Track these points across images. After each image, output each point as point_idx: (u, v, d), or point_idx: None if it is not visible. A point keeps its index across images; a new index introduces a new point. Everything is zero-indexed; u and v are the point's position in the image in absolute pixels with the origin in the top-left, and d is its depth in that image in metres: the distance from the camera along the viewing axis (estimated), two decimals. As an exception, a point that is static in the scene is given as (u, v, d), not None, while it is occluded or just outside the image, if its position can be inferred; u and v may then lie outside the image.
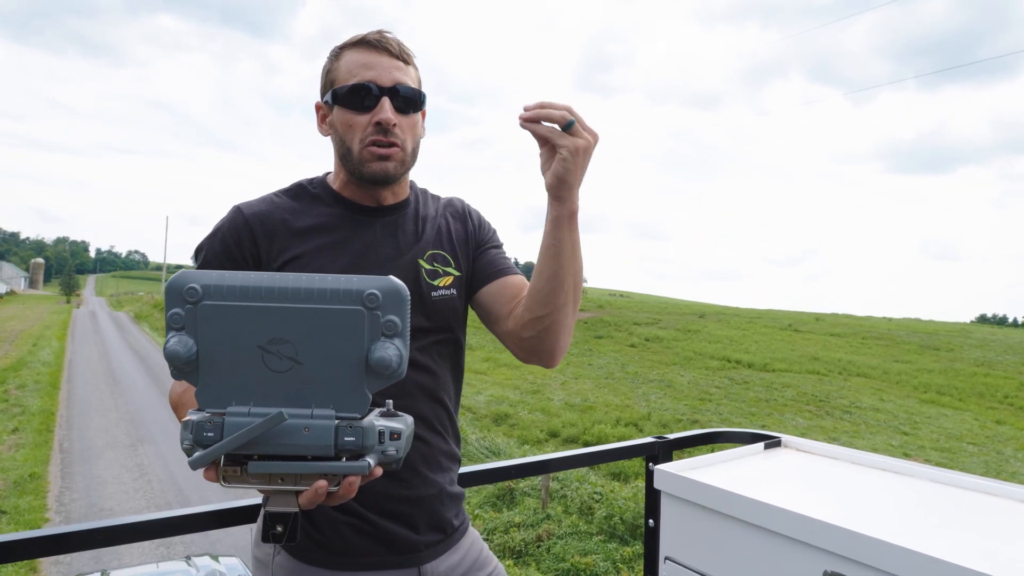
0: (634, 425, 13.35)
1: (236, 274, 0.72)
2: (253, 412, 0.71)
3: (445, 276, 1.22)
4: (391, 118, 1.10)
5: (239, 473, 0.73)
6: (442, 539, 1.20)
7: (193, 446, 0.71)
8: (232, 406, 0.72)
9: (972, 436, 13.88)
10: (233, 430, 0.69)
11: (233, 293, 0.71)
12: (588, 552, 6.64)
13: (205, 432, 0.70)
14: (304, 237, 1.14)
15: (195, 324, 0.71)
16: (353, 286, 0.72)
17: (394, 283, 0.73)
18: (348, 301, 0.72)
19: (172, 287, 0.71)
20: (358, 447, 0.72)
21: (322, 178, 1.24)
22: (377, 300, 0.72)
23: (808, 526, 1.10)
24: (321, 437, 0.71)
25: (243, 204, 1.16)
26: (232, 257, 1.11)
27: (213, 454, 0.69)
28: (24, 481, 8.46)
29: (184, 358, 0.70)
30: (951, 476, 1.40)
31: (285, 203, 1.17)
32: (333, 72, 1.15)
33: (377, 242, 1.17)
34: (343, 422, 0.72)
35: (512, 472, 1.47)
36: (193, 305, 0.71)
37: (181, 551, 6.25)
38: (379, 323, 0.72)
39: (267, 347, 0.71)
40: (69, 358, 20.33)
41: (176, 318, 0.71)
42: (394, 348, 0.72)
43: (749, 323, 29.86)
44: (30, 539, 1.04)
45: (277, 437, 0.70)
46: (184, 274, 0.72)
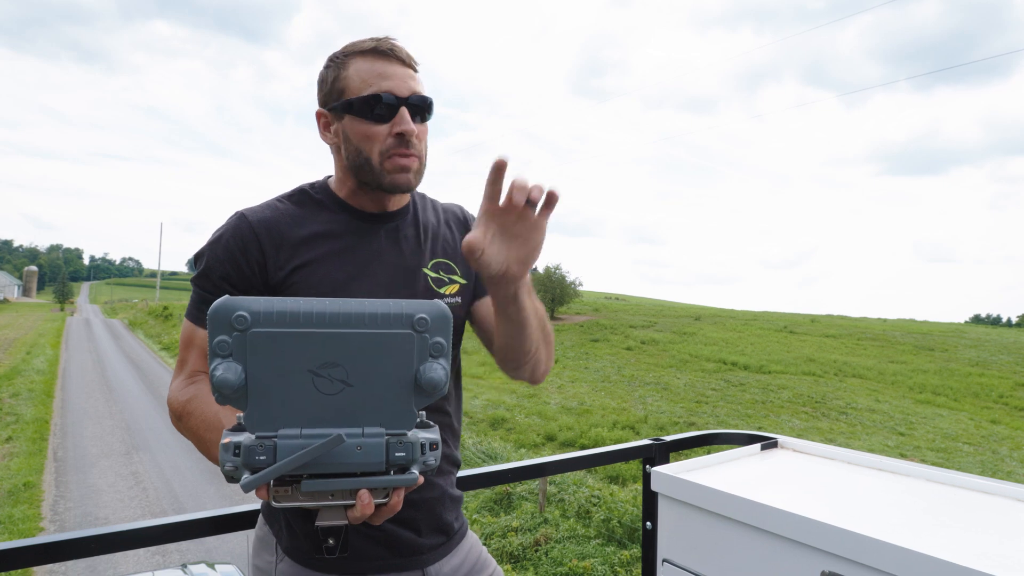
0: (631, 428, 13.34)
1: (285, 300, 0.73)
2: (304, 434, 0.72)
3: (451, 284, 1.23)
4: (413, 129, 1.11)
5: (290, 492, 0.75)
6: (444, 541, 1.22)
7: (239, 468, 0.71)
8: (283, 429, 0.72)
9: (967, 436, 13.92)
10: (286, 453, 0.70)
11: (283, 319, 0.72)
12: (586, 556, 6.63)
13: (257, 456, 0.71)
14: (311, 244, 1.13)
15: (244, 351, 0.71)
16: (403, 311, 0.75)
17: (442, 307, 0.77)
18: (399, 325, 0.74)
19: (218, 314, 0.71)
20: (407, 461, 0.75)
21: (324, 183, 1.22)
22: (427, 324, 0.75)
23: (805, 527, 1.10)
24: (373, 454, 0.74)
25: (247, 210, 1.14)
26: (236, 264, 1.09)
27: (267, 476, 0.70)
28: (18, 490, 8.41)
29: (234, 386, 0.70)
30: (947, 475, 1.40)
31: (289, 209, 1.16)
32: (343, 81, 1.12)
33: (382, 249, 1.17)
34: (393, 438, 0.75)
35: (509, 476, 1.47)
36: (242, 332, 0.71)
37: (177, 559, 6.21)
38: (427, 344, 0.76)
39: (318, 371, 0.72)
40: (63, 366, 20.22)
41: (223, 345, 0.71)
42: (441, 368, 0.76)
43: (745, 325, 29.91)
44: (24, 548, 1.03)
45: (330, 456, 0.72)
46: (229, 300, 0.71)
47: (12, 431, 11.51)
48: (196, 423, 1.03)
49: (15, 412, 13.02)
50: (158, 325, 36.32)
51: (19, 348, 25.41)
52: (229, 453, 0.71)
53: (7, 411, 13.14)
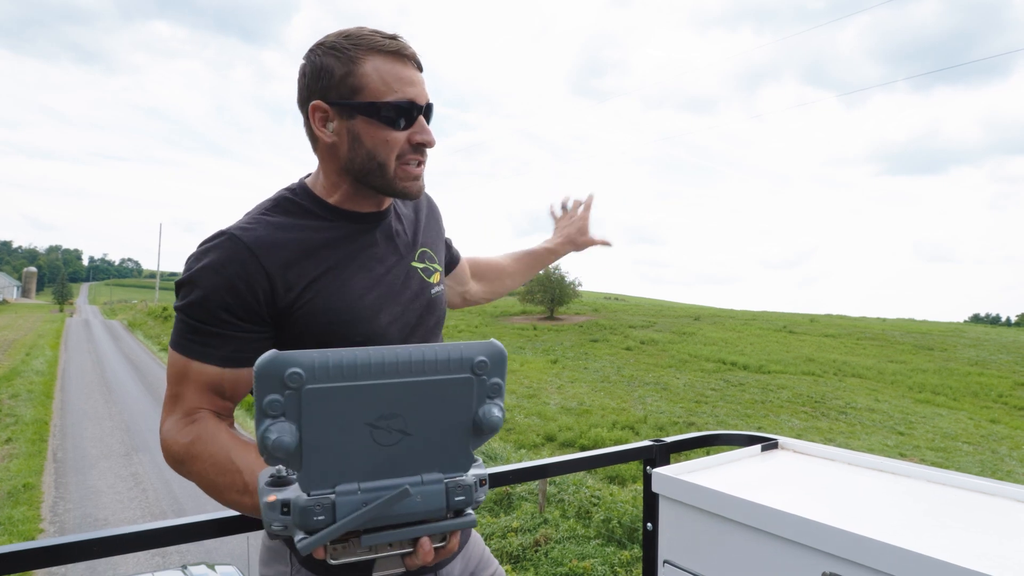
0: (630, 428, 13.35)
1: (339, 352, 0.68)
2: (363, 488, 0.69)
3: (435, 273, 1.25)
4: (434, 140, 1.09)
5: (348, 547, 0.72)
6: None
7: (289, 528, 0.68)
8: (340, 485, 0.69)
9: (967, 435, 13.93)
10: (346, 511, 0.68)
11: (339, 373, 0.67)
12: (586, 556, 6.63)
13: (315, 516, 0.67)
14: (314, 257, 1.07)
15: (298, 409, 0.66)
16: (462, 355, 0.72)
17: (498, 347, 0.75)
18: (458, 370, 0.72)
19: (268, 371, 0.65)
20: (466, 504, 0.74)
21: (303, 186, 1.15)
22: (486, 367, 0.73)
23: (806, 528, 1.10)
24: (434, 502, 0.72)
25: (236, 230, 1.04)
26: (237, 292, 1.00)
27: (328, 536, 0.67)
28: (18, 491, 8.40)
29: (291, 448, 0.66)
30: (947, 476, 1.40)
31: (282, 221, 1.08)
32: (357, 78, 1.04)
33: (381, 252, 1.16)
34: (451, 482, 0.73)
35: (511, 477, 1.47)
36: (295, 390, 0.66)
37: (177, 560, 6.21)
38: (486, 387, 0.74)
39: (376, 423, 0.69)
40: (62, 367, 20.21)
41: (275, 405, 0.65)
42: (498, 408, 0.74)
43: (744, 325, 29.91)
44: (25, 551, 1.03)
45: (392, 508, 0.70)
46: (279, 356, 0.66)
47: (12, 432, 11.50)
48: (204, 467, 0.97)
49: (14, 413, 13.01)
50: (157, 326, 36.29)
51: (18, 349, 25.39)
52: (276, 512, 0.68)
53: (6, 412, 13.13)
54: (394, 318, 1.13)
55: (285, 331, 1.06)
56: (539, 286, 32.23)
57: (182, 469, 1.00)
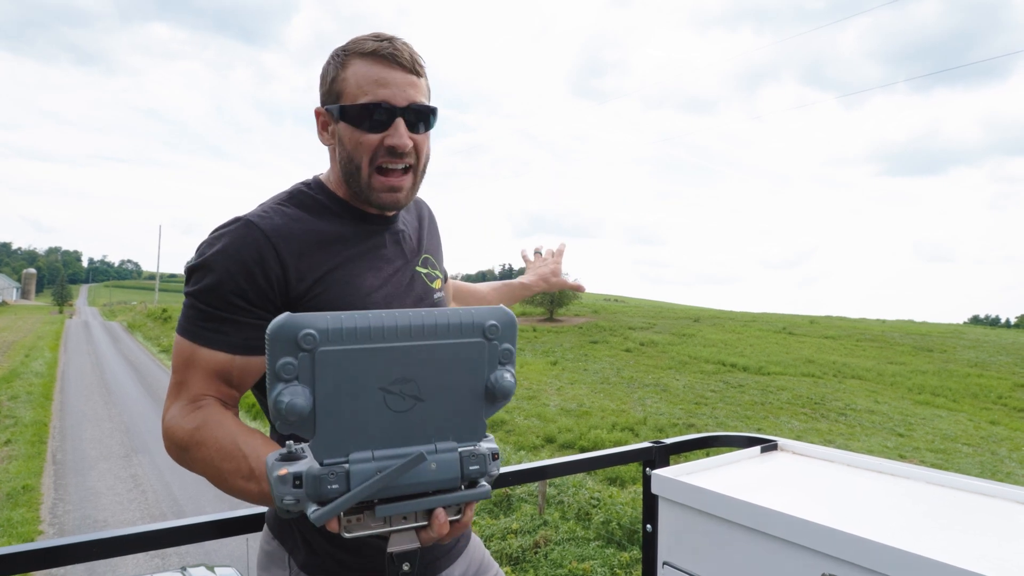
0: (630, 430, 13.34)
1: (352, 315, 0.68)
2: (378, 456, 0.68)
3: (437, 279, 1.28)
4: (407, 142, 1.06)
5: (363, 519, 0.70)
6: (454, 546, 1.22)
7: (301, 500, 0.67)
8: (354, 453, 0.68)
9: (967, 437, 13.92)
10: (361, 479, 0.66)
11: (353, 336, 0.66)
12: (586, 558, 6.62)
13: (329, 485, 0.66)
14: (328, 250, 1.07)
15: (311, 372, 0.65)
16: (474, 319, 0.72)
17: (508, 313, 0.75)
18: (471, 334, 0.72)
19: (281, 333, 0.64)
20: (481, 474, 0.72)
21: (319, 182, 1.17)
22: (497, 331, 0.73)
23: (805, 529, 1.10)
24: (448, 471, 0.71)
25: (253, 217, 1.04)
26: (252, 278, 1.00)
27: (343, 505, 0.66)
28: (17, 493, 8.40)
29: (305, 412, 0.64)
30: (947, 478, 1.40)
31: (297, 214, 1.08)
32: (340, 82, 1.07)
33: (390, 253, 1.18)
34: (465, 451, 0.72)
35: (511, 479, 1.47)
36: (309, 352, 0.65)
37: (176, 562, 6.20)
38: (497, 352, 0.73)
39: (390, 388, 0.69)
40: (62, 369, 20.19)
41: (288, 368, 0.64)
42: (510, 374, 0.74)
43: (744, 327, 29.91)
44: (24, 552, 1.03)
45: (405, 477, 0.68)
46: (292, 318, 0.65)
47: (11, 434, 11.49)
48: (209, 453, 0.93)
49: (14, 415, 13.00)
50: (157, 327, 36.27)
51: (18, 351, 25.37)
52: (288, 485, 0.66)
53: (6, 414, 13.12)
54: None
55: None
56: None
57: (185, 456, 0.96)
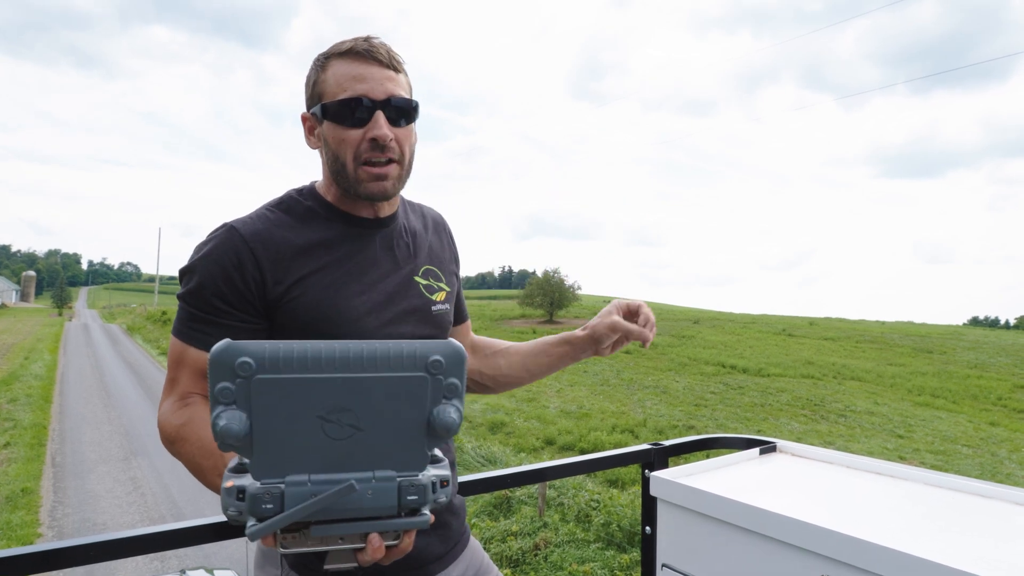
0: (630, 432, 13.33)
1: (291, 344, 0.69)
2: (313, 480, 0.69)
3: (440, 291, 1.24)
4: (387, 134, 1.07)
5: (298, 538, 0.72)
6: (449, 550, 1.21)
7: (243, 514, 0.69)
8: (291, 475, 0.69)
9: (966, 438, 13.92)
10: (294, 501, 0.68)
11: (290, 364, 0.68)
12: (586, 560, 6.62)
13: (263, 504, 0.68)
14: (309, 255, 1.09)
15: (248, 398, 0.67)
16: (417, 352, 0.72)
17: (456, 347, 0.74)
18: (412, 368, 0.71)
19: (220, 359, 0.67)
20: (419, 504, 0.73)
21: (312, 188, 1.18)
22: (441, 366, 0.72)
23: (804, 531, 1.10)
24: (385, 499, 0.71)
25: (236, 223, 1.08)
26: (231, 281, 1.04)
27: (274, 526, 0.67)
28: (16, 496, 8.39)
29: (239, 435, 0.67)
30: (946, 479, 1.40)
31: (281, 219, 1.11)
32: (320, 84, 1.10)
33: (379, 258, 1.16)
34: (404, 481, 0.72)
35: (509, 481, 1.47)
36: (246, 379, 0.67)
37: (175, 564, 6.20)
38: (441, 387, 0.73)
39: (327, 416, 0.69)
40: (61, 371, 20.18)
41: (226, 393, 0.67)
42: (455, 410, 0.73)
43: (743, 328, 29.92)
44: (22, 555, 1.03)
45: (341, 502, 0.70)
46: (231, 345, 0.67)
47: (10, 437, 11.48)
48: (192, 449, 0.99)
49: (13, 418, 12.99)
50: (156, 330, 36.25)
51: (17, 353, 25.36)
52: (232, 497, 0.68)
53: (5, 417, 13.11)
54: (382, 324, 1.13)
55: (273, 324, 1.08)
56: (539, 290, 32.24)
57: (172, 449, 1.03)
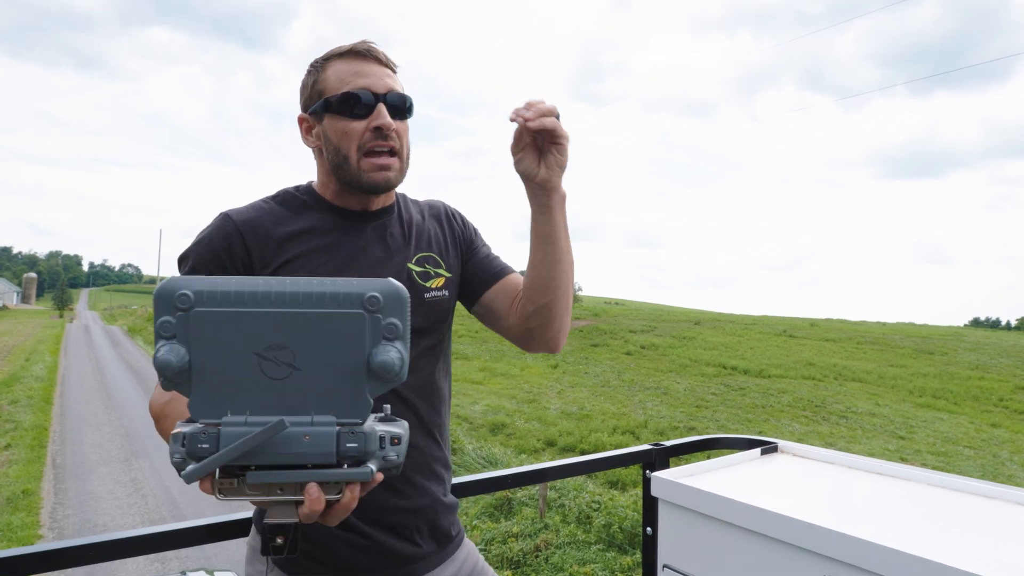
0: (631, 433, 13.32)
1: (229, 279, 0.70)
2: (250, 421, 0.68)
3: (437, 278, 1.24)
4: (390, 122, 1.12)
5: (236, 485, 0.70)
6: (439, 549, 1.21)
7: (185, 459, 0.68)
8: (228, 416, 0.69)
9: (968, 440, 13.91)
10: (230, 441, 0.67)
11: (227, 299, 0.68)
12: (587, 561, 6.61)
13: (199, 444, 0.67)
14: (296, 241, 1.13)
15: (187, 332, 0.68)
16: (353, 289, 0.70)
17: (394, 285, 0.72)
18: (348, 304, 0.70)
19: (161, 294, 0.68)
20: (360, 454, 0.70)
21: (308, 186, 1.23)
22: (378, 303, 0.70)
23: (806, 531, 1.10)
24: (322, 444, 0.69)
25: (231, 211, 1.15)
26: (222, 264, 1.09)
27: (209, 466, 0.66)
28: (17, 497, 8.39)
29: (176, 368, 0.67)
30: (948, 480, 1.40)
31: (274, 209, 1.17)
32: (321, 83, 1.15)
33: (368, 245, 1.18)
34: (344, 428, 0.70)
35: (509, 481, 1.47)
36: (184, 312, 0.68)
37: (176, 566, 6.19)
38: (380, 326, 0.70)
39: (264, 354, 0.69)
40: (62, 373, 20.20)
41: (166, 326, 0.68)
42: (396, 351, 0.70)
43: (744, 329, 29.91)
44: (21, 556, 1.03)
45: (276, 446, 0.68)
46: (173, 280, 0.69)
47: (11, 438, 11.48)
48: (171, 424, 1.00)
49: (14, 419, 12.99)
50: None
51: (18, 355, 25.38)
52: (178, 444, 0.68)
53: (6, 418, 13.11)
54: None
55: None
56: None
57: (158, 427, 1.07)
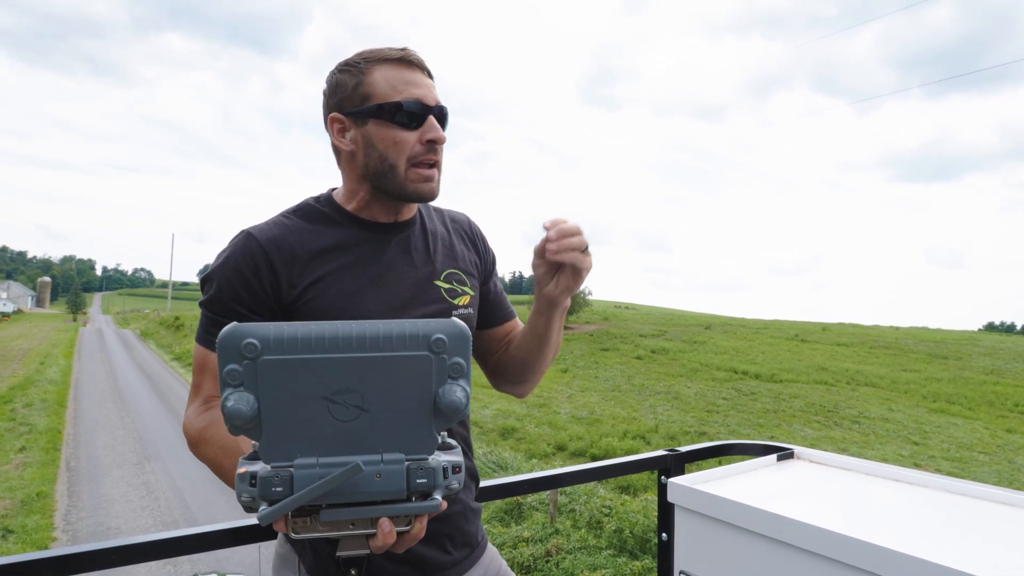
0: (641, 438, 13.28)
1: (295, 325, 0.70)
2: (322, 463, 0.69)
3: (463, 295, 1.23)
4: (443, 136, 1.13)
5: (309, 523, 0.72)
6: (468, 555, 1.21)
7: (255, 500, 0.69)
8: (299, 458, 0.70)
9: (983, 445, 13.76)
10: (303, 484, 0.68)
11: (295, 345, 0.69)
12: (597, 567, 6.59)
13: (273, 487, 0.68)
14: (322, 259, 1.10)
15: (255, 379, 0.68)
16: (419, 331, 0.72)
17: (459, 326, 0.74)
18: (415, 347, 0.71)
19: (227, 342, 0.68)
20: (429, 487, 0.73)
21: (329, 196, 1.20)
22: (444, 345, 0.72)
23: (825, 538, 1.09)
24: (393, 482, 0.71)
25: (253, 229, 1.11)
26: (248, 285, 1.06)
27: (285, 508, 0.68)
28: (31, 500, 8.47)
29: (247, 416, 0.68)
30: (966, 486, 1.38)
31: (297, 225, 1.13)
32: (368, 86, 1.11)
33: (394, 260, 1.16)
34: (413, 464, 0.72)
35: (525, 487, 1.47)
36: (252, 360, 0.68)
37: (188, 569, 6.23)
38: (446, 366, 0.73)
39: (333, 397, 0.70)
40: (76, 376, 20.38)
41: (233, 375, 0.68)
42: (461, 390, 0.73)
43: (755, 334, 29.76)
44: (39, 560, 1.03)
45: (350, 485, 0.70)
46: (237, 327, 0.69)
47: (25, 441, 11.60)
48: (214, 450, 1.01)
49: (28, 422, 13.12)
50: (170, 335, 36.54)
51: (33, 358, 25.63)
52: (245, 483, 0.69)
53: (21, 421, 13.24)
54: None
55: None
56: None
57: (197, 451, 1.06)
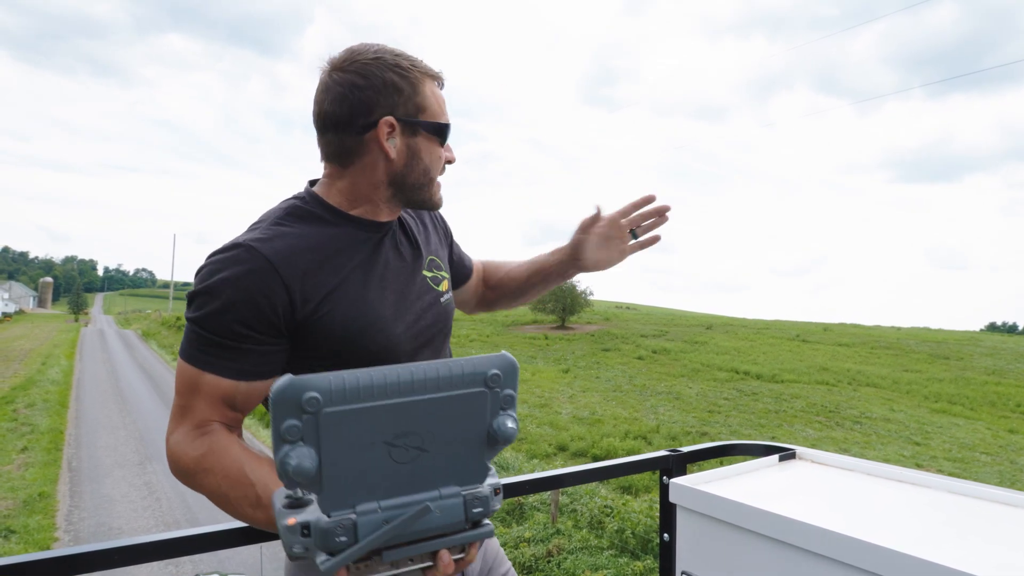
0: (643, 438, 13.28)
1: (354, 374, 0.69)
2: (383, 507, 0.70)
3: (444, 280, 1.28)
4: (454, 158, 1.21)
5: (371, 564, 0.73)
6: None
7: (308, 551, 0.69)
8: (360, 504, 0.70)
9: (985, 446, 13.75)
10: (368, 530, 0.68)
11: (356, 395, 0.68)
12: (599, 567, 6.59)
13: (337, 537, 0.68)
14: (331, 266, 1.07)
15: (316, 433, 0.66)
16: (476, 369, 0.73)
17: (510, 359, 0.76)
18: (472, 384, 0.73)
19: (285, 396, 0.65)
20: (484, 515, 0.75)
21: (313, 194, 1.15)
22: (499, 379, 0.74)
23: (827, 539, 1.09)
24: (453, 515, 0.73)
25: (253, 242, 1.03)
26: (256, 305, 1.00)
27: (351, 557, 0.68)
28: (33, 500, 8.48)
29: (313, 473, 0.66)
30: (969, 487, 1.38)
31: (296, 230, 1.08)
32: (421, 99, 1.11)
33: (389, 258, 1.17)
34: (469, 495, 0.74)
35: (526, 487, 1.47)
36: (313, 415, 0.66)
37: (190, 570, 6.23)
38: (499, 399, 0.75)
39: (393, 442, 0.70)
40: (77, 377, 20.40)
41: (293, 430, 0.65)
42: (512, 419, 0.75)
43: (757, 334, 29.75)
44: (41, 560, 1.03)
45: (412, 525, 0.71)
46: (294, 381, 0.66)
47: (27, 441, 11.61)
48: (217, 480, 0.96)
49: (30, 422, 13.14)
50: (171, 336, 36.57)
51: (34, 359, 25.66)
52: (296, 535, 0.68)
53: (23, 421, 13.25)
54: (407, 326, 1.14)
55: (303, 342, 1.05)
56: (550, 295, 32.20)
57: (191, 481, 0.99)
